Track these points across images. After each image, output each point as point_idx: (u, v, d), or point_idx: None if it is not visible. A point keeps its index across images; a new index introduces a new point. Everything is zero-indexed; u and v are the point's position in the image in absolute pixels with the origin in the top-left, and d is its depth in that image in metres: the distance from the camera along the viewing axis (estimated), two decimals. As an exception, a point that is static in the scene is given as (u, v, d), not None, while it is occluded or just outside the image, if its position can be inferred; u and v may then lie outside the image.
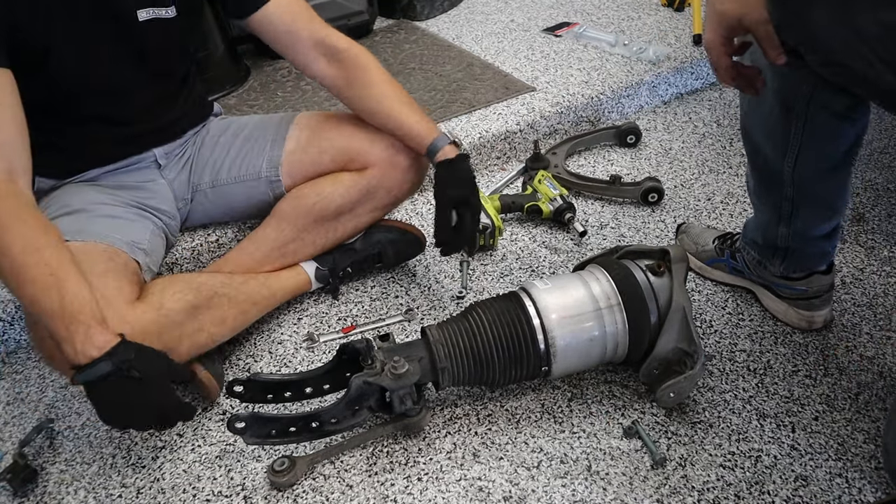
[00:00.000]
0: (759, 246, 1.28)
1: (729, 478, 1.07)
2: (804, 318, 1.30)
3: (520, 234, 1.63)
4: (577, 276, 1.19)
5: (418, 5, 2.50)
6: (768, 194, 1.20)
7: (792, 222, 1.19)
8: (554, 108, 1.91)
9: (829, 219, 1.19)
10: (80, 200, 1.23)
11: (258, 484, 1.10)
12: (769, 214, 1.22)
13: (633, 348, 1.16)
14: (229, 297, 1.24)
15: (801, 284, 1.28)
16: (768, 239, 1.25)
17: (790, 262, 1.26)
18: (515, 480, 1.08)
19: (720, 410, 1.17)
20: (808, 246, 1.22)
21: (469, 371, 1.12)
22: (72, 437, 1.21)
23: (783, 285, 1.30)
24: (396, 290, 1.48)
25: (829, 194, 1.16)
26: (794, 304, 1.30)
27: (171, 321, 1.12)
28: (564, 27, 2.38)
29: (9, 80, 1.04)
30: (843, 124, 1.06)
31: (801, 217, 1.18)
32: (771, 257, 1.27)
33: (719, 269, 1.43)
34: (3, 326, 1.38)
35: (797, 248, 1.23)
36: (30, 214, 1.01)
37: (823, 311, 1.30)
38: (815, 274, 1.26)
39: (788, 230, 1.20)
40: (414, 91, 2.03)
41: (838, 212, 1.19)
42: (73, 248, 1.11)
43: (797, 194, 1.15)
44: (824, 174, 1.13)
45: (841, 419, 1.15)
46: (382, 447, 1.15)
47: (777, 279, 1.30)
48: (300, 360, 1.33)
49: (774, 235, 1.23)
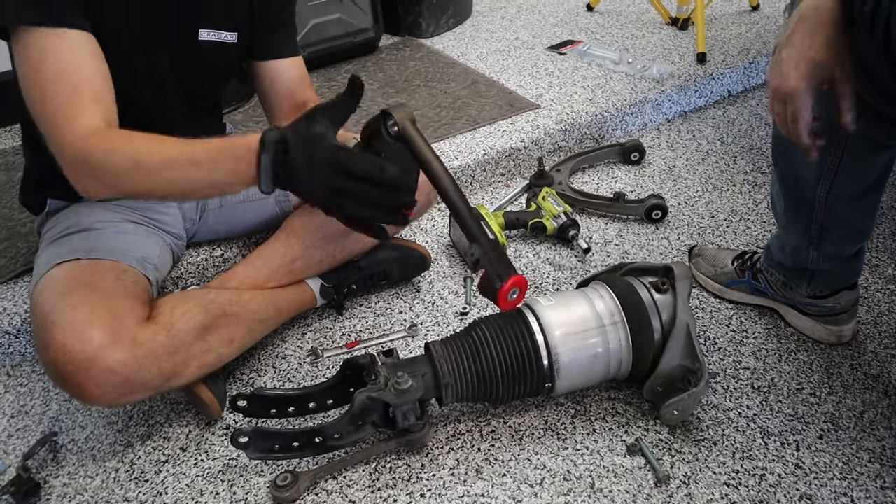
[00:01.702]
0: (787, 269, 1.29)
1: (733, 496, 1.07)
2: (833, 332, 1.31)
3: (524, 250, 1.63)
4: (581, 292, 1.19)
5: (424, 23, 2.52)
6: (798, 218, 1.20)
7: (822, 246, 1.19)
8: (558, 126, 1.92)
9: (858, 241, 1.20)
10: (89, 219, 1.23)
11: (261, 499, 1.10)
12: (799, 239, 1.22)
13: (636, 365, 1.16)
14: (237, 315, 1.24)
15: (829, 302, 1.28)
16: (798, 262, 1.25)
17: (817, 283, 1.26)
18: (518, 497, 1.08)
19: (724, 428, 1.17)
20: (837, 267, 1.23)
21: (472, 387, 1.12)
22: (75, 450, 1.21)
23: (810, 304, 1.30)
24: (400, 306, 1.48)
25: (858, 219, 1.17)
26: (822, 321, 1.31)
27: (180, 342, 1.12)
28: (569, 45, 2.40)
29: (95, 43, 1.02)
30: (880, 153, 1.06)
31: (831, 241, 1.18)
32: (798, 279, 1.28)
33: (740, 291, 1.42)
34: (8, 339, 1.39)
35: (826, 271, 1.23)
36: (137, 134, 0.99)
37: (851, 324, 1.30)
38: (842, 291, 1.27)
39: (819, 254, 1.21)
40: (419, 108, 2.05)
41: (867, 234, 1.20)
42: (82, 266, 1.12)
43: (827, 219, 1.16)
44: (856, 200, 1.13)
45: (846, 438, 1.15)
46: (385, 463, 1.15)
47: (804, 298, 1.30)
48: (304, 375, 1.33)
49: (805, 259, 1.23)
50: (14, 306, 1.40)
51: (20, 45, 0.99)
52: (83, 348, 1.01)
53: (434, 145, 1.83)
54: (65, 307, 1.04)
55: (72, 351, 1.01)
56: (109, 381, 1.03)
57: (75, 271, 1.11)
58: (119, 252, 1.18)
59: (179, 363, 1.11)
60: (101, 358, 1.01)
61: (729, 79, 2.23)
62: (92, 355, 1.01)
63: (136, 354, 1.04)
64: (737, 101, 2.24)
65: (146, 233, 1.27)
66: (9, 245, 1.54)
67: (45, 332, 1.04)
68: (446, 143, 1.87)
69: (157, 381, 1.09)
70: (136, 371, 1.05)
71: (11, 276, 1.45)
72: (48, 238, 1.22)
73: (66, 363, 1.01)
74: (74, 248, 1.15)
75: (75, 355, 1.01)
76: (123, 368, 1.03)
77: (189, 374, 1.14)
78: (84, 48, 1.01)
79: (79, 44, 1.00)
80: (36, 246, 1.50)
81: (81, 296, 1.06)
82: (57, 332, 1.02)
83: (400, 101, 2.10)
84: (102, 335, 1.02)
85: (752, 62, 2.26)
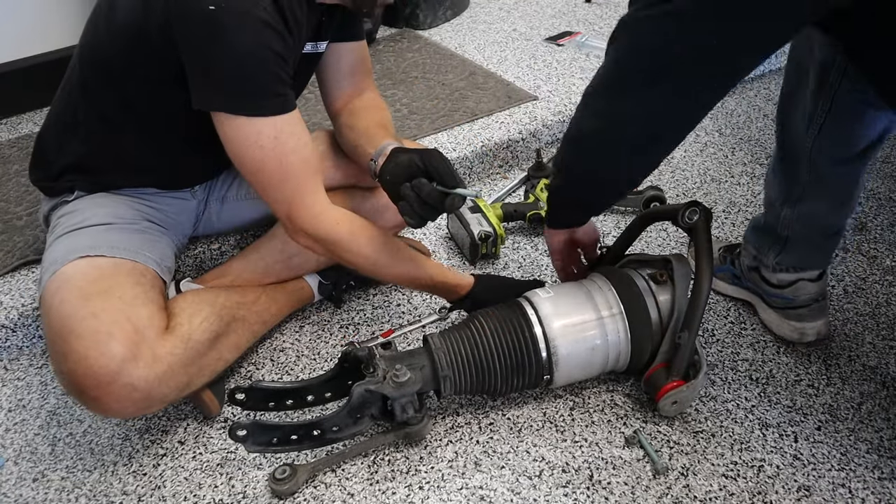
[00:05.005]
0: (760, 232, 1.29)
1: (731, 488, 1.07)
2: (795, 329, 1.29)
3: (522, 242, 1.63)
4: (579, 284, 1.19)
5: (421, 14, 2.51)
6: (784, 172, 1.21)
7: (798, 205, 1.20)
8: (556, 117, 1.91)
9: (835, 212, 1.20)
10: (110, 212, 1.19)
11: (259, 492, 1.10)
12: (777, 194, 1.23)
13: (634, 357, 1.16)
14: (244, 319, 1.23)
15: (787, 292, 1.27)
16: (769, 223, 1.26)
17: (785, 254, 1.25)
18: (517, 489, 1.08)
19: (722, 420, 1.17)
20: (808, 238, 1.23)
21: (471, 379, 1.12)
22: (73, 444, 1.21)
23: (773, 294, 1.30)
24: (398, 298, 1.48)
25: (840, 184, 1.17)
26: (785, 315, 1.30)
27: (196, 353, 1.11)
28: (566, 36, 2.39)
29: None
30: (868, 110, 1.07)
31: (808, 202, 1.19)
32: (768, 248, 1.27)
33: (722, 280, 1.43)
34: (5, 333, 1.38)
35: (796, 240, 1.23)
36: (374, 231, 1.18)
37: (814, 322, 1.28)
38: (801, 281, 1.26)
39: (793, 212, 1.21)
40: (416, 100, 2.04)
41: (845, 207, 1.20)
42: (102, 268, 1.09)
43: (811, 178, 1.16)
44: (840, 162, 1.14)
45: (844, 429, 1.15)
46: (384, 455, 1.15)
47: (767, 287, 1.30)
48: (302, 367, 1.33)
49: (777, 218, 1.23)
50: (11, 300, 1.39)
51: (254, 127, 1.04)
52: (106, 363, 0.99)
53: (432, 137, 1.84)
54: (86, 315, 1.02)
55: (94, 365, 0.99)
56: (130, 396, 1.02)
57: (96, 272, 1.08)
58: (140, 252, 1.16)
59: (193, 374, 1.11)
60: (124, 374, 1.00)
61: (727, 70, 2.22)
62: (114, 370, 1.00)
63: (157, 370, 1.04)
64: (735, 93, 2.23)
65: (160, 233, 1.25)
66: (5, 238, 1.54)
67: (63, 339, 1.01)
68: (444, 134, 1.86)
69: (174, 395, 1.09)
70: (157, 387, 1.04)
71: (8, 270, 1.45)
72: (65, 225, 1.17)
73: (86, 376, 1.00)
74: (97, 243, 1.12)
75: (97, 369, 0.99)
76: (145, 385, 1.02)
77: (199, 382, 1.15)
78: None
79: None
80: (34, 238, 1.50)
81: (103, 303, 1.04)
82: (77, 342, 1.00)
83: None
84: (125, 349, 1.01)
85: (751, 53, 2.25)
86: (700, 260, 1.12)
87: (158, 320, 1.09)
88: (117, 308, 1.04)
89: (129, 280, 1.10)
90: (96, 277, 1.07)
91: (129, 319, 1.04)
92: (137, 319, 1.05)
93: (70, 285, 1.06)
